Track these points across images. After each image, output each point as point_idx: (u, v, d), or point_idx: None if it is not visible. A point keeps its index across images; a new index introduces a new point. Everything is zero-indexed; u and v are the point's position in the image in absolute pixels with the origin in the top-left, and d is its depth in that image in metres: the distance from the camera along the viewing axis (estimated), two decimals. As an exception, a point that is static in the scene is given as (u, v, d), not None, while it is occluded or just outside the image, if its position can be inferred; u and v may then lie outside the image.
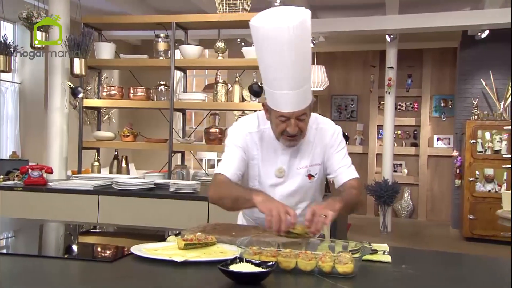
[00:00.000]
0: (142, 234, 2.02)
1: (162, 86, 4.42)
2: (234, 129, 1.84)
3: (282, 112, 1.64)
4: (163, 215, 2.91)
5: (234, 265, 1.14)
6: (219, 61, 4.21)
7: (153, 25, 4.35)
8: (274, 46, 1.54)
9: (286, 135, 1.68)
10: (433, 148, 7.93)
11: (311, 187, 1.83)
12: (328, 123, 1.86)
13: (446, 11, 6.09)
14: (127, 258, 1.35)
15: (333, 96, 8.29)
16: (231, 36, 6.13)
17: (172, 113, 4.23)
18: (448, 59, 7.83)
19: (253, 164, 1.80)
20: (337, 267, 1.17)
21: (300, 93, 1.62)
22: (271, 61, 1.59)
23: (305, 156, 1.79)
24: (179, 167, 4.35)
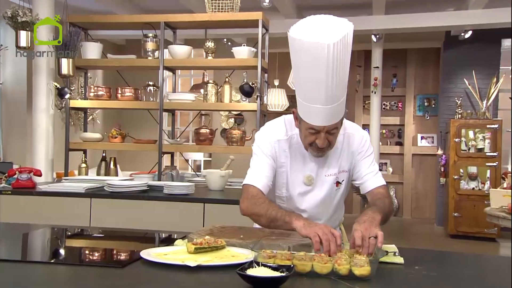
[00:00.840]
0: (146, 237, 1.99)
1: (151, 87, 4.37)
2: (262, 136, 1.77)
3: (313, 125, 1.60)
4: (158, 218, 2.87)
5: (252, 270, 1.13)
6: (209, 61, 4.18)
7: (141, 24, 4.29)
8: (312, 61, 1.48)
9: (315, 147, 1.65)
10: (417, 146, 8.04)
11: (337, 194, 1.81)
12: (356, 129, 1.82)
13: (431, 11, 6.18)
14: (137, 263, 1.32)
15: (319, 95, 8.31)
16: (217, 36, 6.10)
17: (162, 114, 4.19)
18: (431, 59, 7.95)
19: (281, 171, 1.76)
20: (354, 270, 1.17)
21: (334, 108, 1.56)
22: (307, 75, 1.53)
23: (333, 163, 1.76)
24: (168, 168, 4.31)
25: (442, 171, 6.85)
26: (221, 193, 3.19)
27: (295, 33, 1.51)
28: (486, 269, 1.38)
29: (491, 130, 6.41)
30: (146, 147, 4.39)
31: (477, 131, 6.47)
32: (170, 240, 1.68)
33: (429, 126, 8.00)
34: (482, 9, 5.87)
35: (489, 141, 6.41)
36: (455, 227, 6.49)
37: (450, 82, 7.15)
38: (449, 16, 6.27)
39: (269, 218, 1.60)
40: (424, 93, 8.07)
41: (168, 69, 4.34)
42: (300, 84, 1.59)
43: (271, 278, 1.07)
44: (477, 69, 6.84)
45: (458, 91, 7.02)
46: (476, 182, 6.50)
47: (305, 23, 1.52)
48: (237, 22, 4.15)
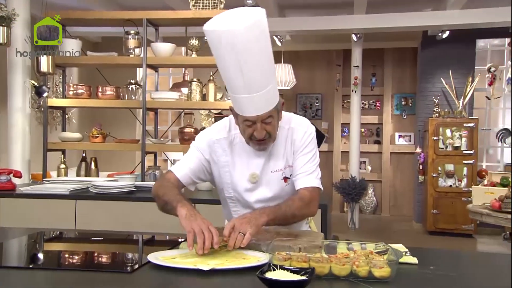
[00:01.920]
0: (147, 241, 1.92)
1: (133, 85, 4.28)
2: (202, 134, 1.79)
3: (247, 117, 1.58)
4: (147, 219, 2.78)
5: (270, 273, 1.09)
6: (194, 59, 4.11)
7: (123, 21, 4.18)
8: (229, 49, 1.47)
9: (255, 140, 1.62)
10: (395, 145, 8.15)
11: (287, 190, 1.75)
12: (301, 123, 1.78)
13: (410, 11, 6.27)
14: (145, 268, 1.27)
15: (298, 94, 8.34)
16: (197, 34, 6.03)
17: (145, 113, 4.09)
18: (408, 59, 8.07)
19: (225, 171, 1.74)
20: (374, 271, 1.14)
21: (262, 96, 1.54)
22: (228, 65, 1.51)
23: (279, 158, 1.72)
24: (152, 168, 4.22)
25: (420, 169, 6.96)
26: (210, 193, 3.14)
27: (208, 26, 1.51)
28: (502, 268, 1.37)
29: (468, 129, 6.55)
30: (129, 147, 4.29)
31: (454, 129, 6.60)
32: (172, 243, 1.62)
33: (406, 124, 8.12)
34: (460, 10, 5.99)
35: (466, 139, 6.55)
36: (433, 224, 6.60)
37: (427, 82, 7.27)
38: (427, 16, 6.37)
39: (163, 201, 1.64)
40: (401, 92, 8.19)
41: (150, 67, 4.25)
42: (225, 76, 1.57)
43: (294, 281, 1.04)
44: (454, 69, 6.98)
45: (436, 90, 7.15)
46: (453, 179, 6.63)
47: (217, 17, 1.53)
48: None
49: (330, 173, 8.06)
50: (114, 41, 5.54)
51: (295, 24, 6.44)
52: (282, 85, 6.79)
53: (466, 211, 6.45)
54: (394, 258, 1.17)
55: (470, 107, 7.07)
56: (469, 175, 6.52)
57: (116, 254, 1.61)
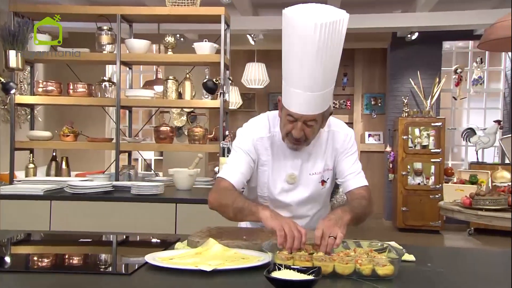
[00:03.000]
0: (138, 242, 1.86)
1: (106, 82, 4.17)
2: (244, 133, 1.73)
3: (291, 112, 1.56)
4: (126, 220, 2.73)
5: (276, 272, 1.08)
6: (169, 56, 4.05)
7: (95, 16, 4.07)
8: (305, 41, 1.44)
9: (290, 137, 1.61)
10: (365, 144, 8.30)
11: (323, 193, 1.76)
12: (341, 126, 1.78)
13: (380, 13, 6.39)
14: (143, 269, 1.23)
15: (270, 93, 8.36)
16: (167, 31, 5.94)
17: (119, 111, 4.00)
18: (378, 59, 8.23)
19: (263, 170, 1.70)
20: (377, 269, 1.15)
21: (316, 98, 1.52)
22: (296, 56, 1.48)
23: (317, 161, 1.71)
24: (126, 168, 4.13)
25: (390, 167, 7.11)
26: (190, 193, 3.10)
27: (288, 11, 1.49)
28: (499, 265, 1.41)
29: (435, 128, 6.74)
30: (102, 146, 4.19)
31: (422, 128, 6.78)
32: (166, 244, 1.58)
33: (375, 124, 8.28)
34: (428, 12, 6.15)
35: (433, 138, 6.74)
36: (403, 221, 6.77)
37: (396, 82, 7.44)
38: (397, 17, 6.51)
39: (236, 208, 1.54)
40: (371, 92, 8.34)
41: (124, 64, 4.16)
42: (287, 65, 1.54)
43: (303, 281, 1.03)
44: (421, 70, 7.17)
45: (404, 90, 7.32)
46: (421, 177, 6.81)
47: (301, 6, 1.50)
48: (198, 17, 4.05)
49: (301, 172, 8.12)
50: (81, 37, 5.38)
51: (269, 23, 6.44)
52: (255, 83, 6.79)
53: (434, 208, 6.69)
54: (396, 256, 1.18)
55: (437, 107, 7.29)
56: (437, 173, 6.72)
57: (111, 256, 1.55)
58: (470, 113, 7.94)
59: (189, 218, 2.68)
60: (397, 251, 1.23)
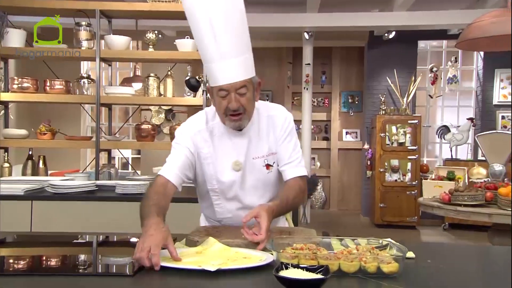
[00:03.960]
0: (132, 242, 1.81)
1: (85, 79, 4.08)
2: (181, 130, 1.75)
3: (221, 86, 1.58)
4: (112, 220, 2.66)
5: (284, 272, 1.07)
6: (151, 53, 3.98)
7: (74, 11, 3.97)
8: (204, 13, 1.53)
9: (230, 114, 1.62)
10: (342, 141, 8.39)
11: (270, 179, 1.75)
12: (279, 109, 1.80)
13: (358, 11, 6.45)
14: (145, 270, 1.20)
15: (249, 91, 8.34)
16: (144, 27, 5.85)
17: (99, 109, 3.91)
18: (355, 58, 8.32)
19: (207, 163, 1.71)
20: (382, 267, 1.15)
21: (237, 63, 1.57)
22: (202, 30, 1.55)
23: (259, 145, 1.73)
24: (106, 166, 4.05)
25: (368, 164, 7.21)
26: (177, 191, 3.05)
27: None
28: (499, 261, 1.44)
29: (412, 125, 6.87)
30: (82, 145, 4.10)
31: (399, 126, 6.89)
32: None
33: (353, 121, 8.38)
34: (405, 12, 6.25)
35: (410, 136, 6.87)
36: (380, 217, 6.87)
37: (374, 80, 7.54)
38: (375, 16, 6.59)
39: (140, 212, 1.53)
40: (348, 90, 8.43)
41: (104, 61, 4.07)
42: (201, 44, 1.60)
43: (313, 280, 1.02)
44: (398, 68, 7.28)
45: (381, 89, 7.43)
46: (398, 174, 6.93)
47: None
48: (179, 14, 3.98)
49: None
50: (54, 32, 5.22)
51: (248, 21, 6.41)
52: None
53: (411, 204, 6.83)
54: (400, 253, 1.20)
55: (413, 105, 7.42)
56: (413, 169, 6.85)
57: (109, 258, 1.51)
58: (444, 111, 8.12)
59: (177, 217, 2.63)
60: (400, 248, 1.24)
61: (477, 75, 7.80)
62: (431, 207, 3.94)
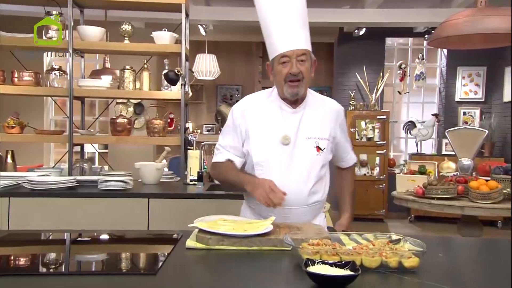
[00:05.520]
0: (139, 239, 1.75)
1: (56, 71, 3.92)
2: (237, 106, 1.88)
3: (284, 52, 1.73)
4: (94, 216, 2.58)
5: (312, 267, 1.06)
6: (127, 45, 3.87)
7: (44, 0, 3.80)
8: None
9: (289, 80, 1.74)
10: (311, 136, 8.46)
11: (318, 163, 1.79)
12: (334, 102, 1.95)
13: (329, 8, 6.51)
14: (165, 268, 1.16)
15: (218, 86, 8.28)
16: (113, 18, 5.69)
17: (72, 102, 3.77)
18: (324, 53, 8.40)
19: (258, 135, 1.80)
20: (404, 261, 1.17)
21: (298, 32, 1.75)
22: (270, 8, 1.76)
23: (313, 127, 1.81)
24: (79, 161, 3.91)
25: (338, 159, 7.31)
26: (160, 187, 2.99)
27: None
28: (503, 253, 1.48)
29: (380, 121, 7.02)
30: (53, 139, 3.94)
31: (368, 121, 7.03)
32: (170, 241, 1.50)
33: (321, 116, 8.46)
34: (375, 9, 6.37)
35: (378, 131, 7.02)
36: (350, 211, 6.99)
37: (343, 76, 7.65)
38: (345, 13, 6.67)
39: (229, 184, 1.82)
40: (317, 85, 8.51)
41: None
42: (263, 20, 1.79)
43: (345, 276, 1.02)
44: (367, 65, 7.42)
45: (351, 84, 7.55)
46: (367, 168, 7.08)
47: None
48: (157, 5, 3.89)
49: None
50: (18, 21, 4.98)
51: (220, 14, 6.36)
52: (206, 75, 6.68)
53: (379, 198, 7.00)
54: (420, 248, 1.21)
55: (381, 101, 7.59)
56: (381, 164, 7.01)
57: (128, 255, 1.44)
58: (411, 106, 8.35)
59: (162, 213, 2.59)
60: (418, 243, 1.25)
61: (440, 72, 8.07)
62: (406, 200, 4.04)
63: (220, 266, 1.18)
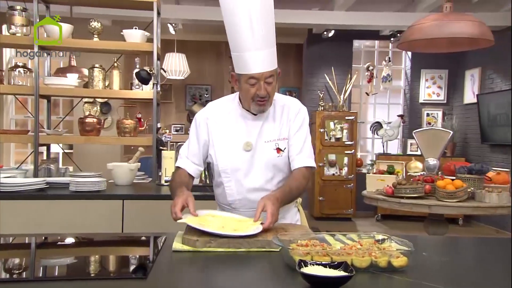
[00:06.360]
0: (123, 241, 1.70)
1: (21, 68, 3.79)
2: (200, 113, 1.89)
3: (252, 74, 1.70)
4: (66, 219, 2.49)
5: (306, 269, 1.06)
6: (97, 43, 3.76)
7: (8, -6, 3.66)
8: (244, 5, 1.63)
9: (257, 100, 1.74)
10: (280, 136, 8.50)
11: (280, 163, 1.84)
12: (294, 101, 1.94)
13: (298, 9, 6.56)
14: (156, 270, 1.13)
15: (187, 85, 8.20)
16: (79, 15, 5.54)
17: (38, 100, 3.64)
18: (293, 54, 8.47)
19: (221, 143, 1.83)
20: (393, 261, 1.18)
21: (268, 54, 1.71)
22: (239, 21, 1.65)
23: (271, 129, 1.84)
24: (45, 162, 3.78)
25: (307, 159, 7.37)
26: (133, 188, 2.93)
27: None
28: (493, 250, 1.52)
29: (348, 122, 7.14)
30: (17, 139, 3.79)
31: (336, 122, 7.14)
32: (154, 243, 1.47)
33: (290, 117, 8.51)
34: (344, 11, 6.46)
35: (347, 131, 7.14)
36: (319, 210, 7.09)
37: (312, 77, 7.73)
38: (315, 15, 6.74)
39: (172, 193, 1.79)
40: (286, 86, 8.57)
41: (43, 50, 3.79)
42: (236, 34, 1.69)
43: (340, 277, 1.02)
44: (335, 66, 7.53)
45: (320, 85, 7.64)
46: (335, 168, 7.18)
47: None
48: (129, 3, 3.82)
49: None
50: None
51: (190, 13, 6.29)
52: (176, 74, 6.60)
53: (347, 197, 7.11)
54: (407, 247, 1.23)
55: (349, 102, 7.71)
56: (349, 164, 7.13)
57: (114, 259, 1.39)
58: (377, 108, 8.53)
59: (137, 215, 2.53)
60: (405, 242, 1.27)
61: (405, 75, 8.28)
62: (376, 200, 4.11)
63: (211, 269, 1.16)
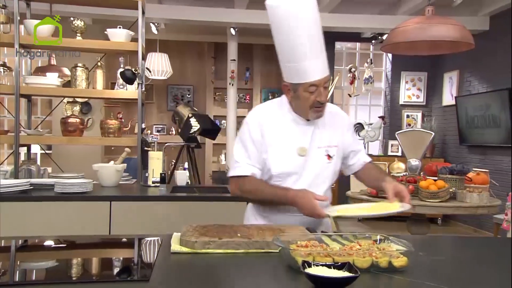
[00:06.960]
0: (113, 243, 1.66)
1: (1, 67, 3.70)
2: (251, 117, 1.86)
3: (312, 81, 1.74)
4: (51, 221, 2.43)
5: (309, 270, 1.06)
6: (81, 41, 3.69)
7: (-13, -9, 3.57)
8: (294, 18, 1.69)
9: (316, 106, 1.77)
10: (263, 137, 8.50)
11: (329, 170, 1.86)
12: (338, 108, 2.04)
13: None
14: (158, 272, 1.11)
15: (169, 85, 8.13)
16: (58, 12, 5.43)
17: (19, 100, 3.55)
18: (275, 56, 8.43)
19: (275, 148, 1.81)
20: (393, 261, 1.19)
21: (323, 61, 1.77)
22: (294, 34, 1.71)
23: (323, 136, 1.86)
24: (26, 163, 3.70)
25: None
26: (120, 190, 2.88)
27: (271, 2, 1.74)
28: (482, 249, 1.54)
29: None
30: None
31: (319, 123, 7.17)
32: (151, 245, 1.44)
33: (273, 118, 8.52)
34: (327, 13, 6.51)
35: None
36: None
37: (294, 78, 7.74)
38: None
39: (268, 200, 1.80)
40: (269, 87, 8.57)
41: (24, 48, 3.70)
42: (292, 47, 1.75)
43: (345, 278, 1.02)
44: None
45: (301, 86, 7.65)
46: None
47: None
48: (113, 2, 3.76)
49: (202, 165, 8.06)
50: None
51: (173, 13, 6.23)
52: (158, 74, 6.53)
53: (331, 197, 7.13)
54: (407, 247, 1.24)
55: (331, 103, 7.76)
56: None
57: (115, 261, 1.35)
58: (358, 109, 8.62)
59: (124, 217, 2.49)
60: (404, 243, 1.28)
61: (386, 77, 8.39)
62: (360, 200, 4.16)
63: (212, 270, 1.15)
